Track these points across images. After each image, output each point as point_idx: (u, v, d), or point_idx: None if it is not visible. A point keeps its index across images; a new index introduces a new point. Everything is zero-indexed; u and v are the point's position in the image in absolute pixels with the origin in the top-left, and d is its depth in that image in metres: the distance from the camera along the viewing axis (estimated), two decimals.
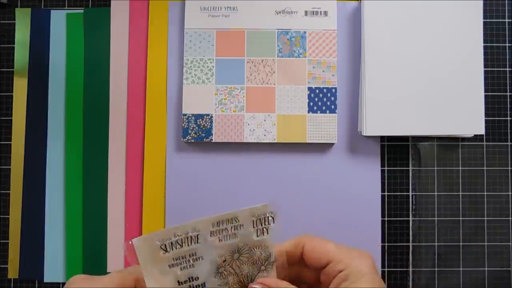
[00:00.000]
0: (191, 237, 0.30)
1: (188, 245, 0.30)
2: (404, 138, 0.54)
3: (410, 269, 0.52)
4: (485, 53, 0.52)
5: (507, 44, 0.54)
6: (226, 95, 0.52)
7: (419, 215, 0.53)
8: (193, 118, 0.52)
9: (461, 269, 0.52)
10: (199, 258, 0.30)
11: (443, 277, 0.52)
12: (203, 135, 0.51)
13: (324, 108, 0.52)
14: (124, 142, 0.52)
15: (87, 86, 0.53)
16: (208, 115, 0.52)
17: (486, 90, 0.52)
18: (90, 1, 0.55)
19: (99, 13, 0.54)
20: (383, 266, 0.52)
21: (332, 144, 0.53)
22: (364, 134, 0.51)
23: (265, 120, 0.52)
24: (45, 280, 0.52)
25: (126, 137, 0.52)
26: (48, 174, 0.53)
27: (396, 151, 0.54)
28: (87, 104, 0.53)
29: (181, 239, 0.30)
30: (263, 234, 0.31)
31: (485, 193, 0.53)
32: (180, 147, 0.53)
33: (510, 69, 0.54)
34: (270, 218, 0.31)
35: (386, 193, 0.53)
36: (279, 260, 0.32)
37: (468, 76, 0.51)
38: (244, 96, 0.52)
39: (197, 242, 0.30)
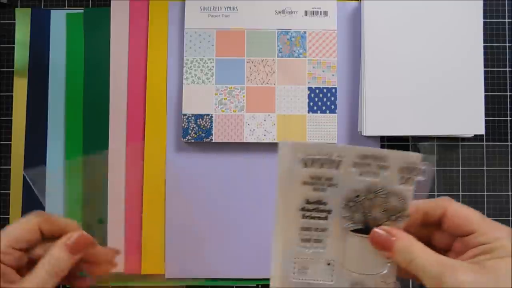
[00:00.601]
0: (333, 161, 0.29)
1: (328, 168, 0.29)
2: (404, 138, 0.54)
3: None
4: (485, 53, 0.52)
5: (507, 44, 0.54)
6: (226, 95, 0.52)
7: None
8: (193, 118, 0.52)
9: None
10: (334, 185, 0.29)
11: None
12: (203, 135, 0.51)
13: (324, 108, 0.52)
14: (124, 142, 0.52)
15: (87, 86, 0.53)
16: (208, 115, 0.52)
17: (486, 90, 0.52)
18: (90, 1, 0.55)
19: (99, 13, 0.54)
20: None
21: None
22: (364, 134, 0.51)
23: (265, 120, 0.52)
24: None
25: (126, 137, 0.52)
26: (48, 174, 0.53)
27: None
28: (87, 104, 0.53)
29: (324, 160, 0.28)
30: (406, 184, 0.29)
31: (485, 193, 0.53)
32: (180, 147, 0.53)
33: (510, 69, 0.54)
34: (419, 170, 0.29)
35: None
36: (414, 217, 0.30)
37: (468, 76, 0.51)
38: (244, 96, 0.52)
39: (338, 169, 0.29)
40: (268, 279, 0.31)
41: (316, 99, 0.52)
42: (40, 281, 0.29)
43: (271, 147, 0.53)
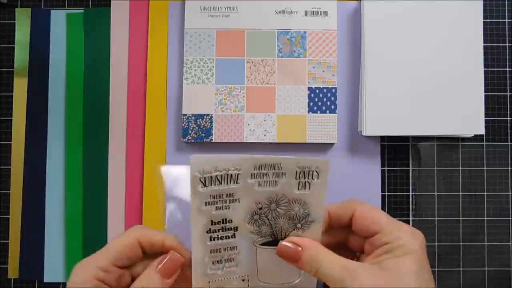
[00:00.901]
0: (231, 175, 0.28)
1: (227, 183, 0.28)
2: (404, 138, 0.54)
3: None
4: (485, 53, 0.52)
5: (507, 44, 0.54)
6: (226, 95, 0.52)
7: (419, 215, 0.53)
8: (193, 118, 0.52)
9: (461, 269, 0.52)
10: (235, 201, 0.28)
11: (443, 277, 0.52)
12: (203, 135, 0.51)
13: (324, 108, 0.52)
14: (124, 142, 0.52)
15: (87, 86, 0.53)
16: (208, 115, 0.52)
17: (486, 90, 0.52)
18: (90, 1, 0.55)
19: (99, 13, 0.54)
20: None
21: (332, 144, 0.53)
22: (364, 134, 0.51)
23: (265, 120, 0.52)
24: (45, 280, 0.52)
25: (126, 137, 0.52)
26: (48, 174, 0.53)
27: (396, 151, 0.54)
28: (87, 104, 0.53)
29: (221, 176, 0.28)
30: (305, 189, 0.29)
31: (485, 193, 0.53)
32: (180, 147, 0.53)
33: (510, 69, 0.54)
34: (315, 172, 0.29)
35: (386, 193, 0.53)
36: (326, 221, 0.30)
37: (468, 76, 0.51)
38: (244, 96, 0.52)
39: (237, 182, 0.28)
40: None
41: (316, 99, 0.52)
42: None
43: (271, 147, 0.53)
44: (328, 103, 0.52)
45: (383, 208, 0.53)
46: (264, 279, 0.30)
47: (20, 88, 0.54)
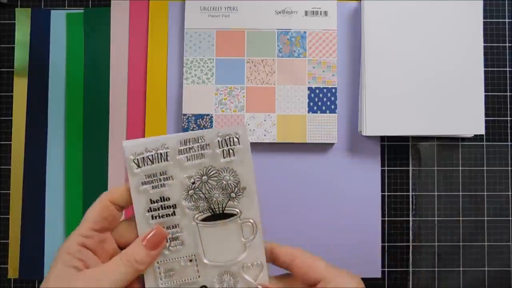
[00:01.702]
0: (161, 154, 0.29)
1: (158, 162, 0.29)
2: (404, 138, 0.54)
3: (410, 269, 0.52)
4: (485, 53, 0.52)
5: (507, 44, 0.54)
6: (226, 95, 0.52)
7: (419, 215, 0.53)
8: (193, 118, 0.52)
9: (461, 269, 0.52)
10: (169, 178, 0.30)
11: (443, 277, 0.52)
12: None
13: (324, 108, 0.52)
14: None
15: (87, 86, 0.53)
16: (208, 115, 0.52)
17: (486, 90, 0.52)
18: (90, 1, 0.55)
19: (99, 13, 0.54)
20: (383, 266, 0.52)
21: (332, 144, 0.53)
22: (364, 134, 0.51)
23: (265, 120, 0.52)
24: None
25: (126, 137, 0.52)
26: (48, 174, 0.53)
27: (396, 151, 0.54)
28: (87, 104, 0.53)
29: (152, 156, 0.29)
30: (230, 156, 0.30)
31: (485, 193, 0.53)
32: None
33: (510, 69, 0.54)
34: (235, 139, 0.30)
35: (386, 193, 0.53)
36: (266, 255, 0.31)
37: (468, 76, 0.51)
38: (244, 96, 0.52)
39: (167, 160, 0.29)
40: None
41: (316, 99, 0.52)
42: (116, 269, 0.28)
43: (271, 147, 0.53)
44: (328, 103, 0.52)
45: (383, 208, 0.53)
46: (209, 257, 0.30)
47: (20, 88, 0.54)
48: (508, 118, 0.54)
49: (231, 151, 0.30)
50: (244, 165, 0.30)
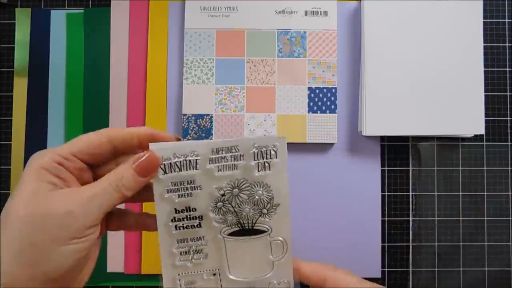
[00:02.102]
0: (190, 161, 0.27)
1: (186, 169, 0.27)
2: (404, 138, 0.54)
3: (410, 269, 0.52)
4: (485, 53, 0.52)
5: (507, 44, 0.54)
6: (226, 95, 0.52)
7: (419, 215, 0.53)
8: (193, 118, 0.52)
9: (461, 269, 0.52)
10: (197, 188, 0.28)
11: (443, 277, 0.52)
12: (203, 135, 0.51)
13: (324, 108, 0.52)
14: None
15: (87, 86, 0.53)
16: (208, 115, 0.52)
17: (486, 90, 0.52)
18: (90, 1, 0.55)
19: (99, 13, 0.54)
20: (383, 266, 0.52)
21: (332, 144, 0.53)
22: (364, 134, 0.51)
23: (265, 120, 0.52)
24: None
25: None
26: None
27: (396, 151, 0.54)
28: (87, 104, 0.53)
29: (180, 162, 0.27)
30: (265, 170, 0.28)
31: (485, 193, 0.53)
32: None
33: (510, 69, 0.54)
34: (272, 152, 0.27)
35: (386, 193, 0.53)
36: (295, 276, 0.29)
37: (468, 76, 0.51)
38: (244, 96, 0.52)
39: (196, 169, 0.27)
40: None
41: (316, 99, 0.52)
42: (101, 191, 0.25)
43: None
44: (328, 103, 0.52)
45: (383, 208, 0.53)
46: (235, 273, 0.29)
47: (20, 88, 0.54)
48: (508, 118, 0.54)
49: (266, 164, 0.28)
50: (279, 181, 0.28)
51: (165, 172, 0.27)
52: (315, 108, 0.52)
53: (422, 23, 0.51)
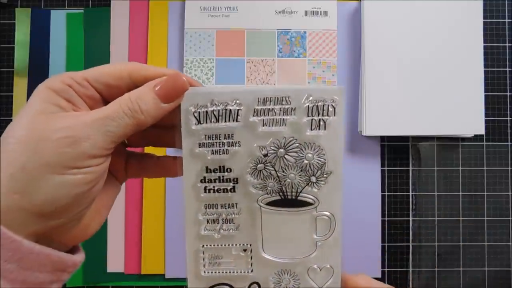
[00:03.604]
0: (230, 111, 0.23)
1: (225, 121, 0.23)
2: (404, 138, 0.54)
3: (410, 269, 0.52)
4: (485, 53, 0.52)
5: (507, 44, 0.54)
6: None
7: (419, 215, 0.53)
8: None
9: (461, 269, 0.52)
10: (235, 144, 0.23)
11: (443, 277, 0.52)
12: None
13: None
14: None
15: None
16: None
17: (486, 90, 0.52)
18: (90, 1, 0.55)
19: (99, 13, 0.54)
20: (383, 266, 0.52)
21: None
22: (364, 134, 0.51)
23: None
24: None
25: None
26: None
27: (396, 151, 0.54)
28: None
29: (218, 111, 0.23)
30: (319, 129, 0.23)
31: (485, 193, 0.53)
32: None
33: (510, 69, 0.54)
34: (330, 108, 0.23)
35: (386, 193, 0.53)
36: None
37: (468, 76, 0.51)
38: None
39: (237, 121, 0.23)
40: None
41: None
42: (109, 114, 0.21)
43: None
44: None
45: (383, 208, 0.53)
46: (269, 251, 0.24)
47: (20, 88, 0.54)
48: (508, 118, 0.54)
49: (322, 122, 0.23)
50: (335, 144, 0.23)
51: (198, 122, 0.23)
52: None
53: (422, 23, 0.51)
